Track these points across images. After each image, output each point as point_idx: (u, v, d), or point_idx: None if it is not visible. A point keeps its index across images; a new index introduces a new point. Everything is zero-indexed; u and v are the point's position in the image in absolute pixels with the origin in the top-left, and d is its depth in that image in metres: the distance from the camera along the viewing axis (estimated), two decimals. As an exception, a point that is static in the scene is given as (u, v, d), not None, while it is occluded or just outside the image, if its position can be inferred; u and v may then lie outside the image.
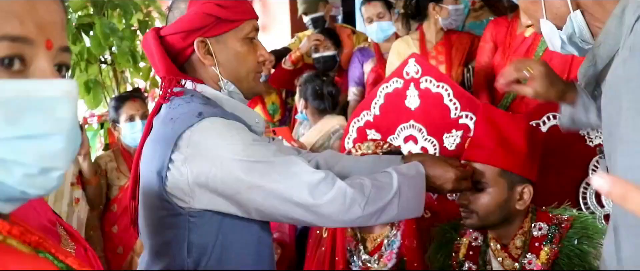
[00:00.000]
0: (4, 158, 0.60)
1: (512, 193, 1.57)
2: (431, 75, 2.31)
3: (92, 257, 1.05)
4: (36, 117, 0.61)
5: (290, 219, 1.30)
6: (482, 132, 1.61)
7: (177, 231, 1.29)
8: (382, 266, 1.94)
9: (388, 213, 1.33)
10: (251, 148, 1.24)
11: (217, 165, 1.22)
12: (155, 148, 1.30)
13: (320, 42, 3.51)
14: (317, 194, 1.24)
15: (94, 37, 3.34)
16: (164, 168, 1.25)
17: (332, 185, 1.26)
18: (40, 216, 1.10)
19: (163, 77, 1.36)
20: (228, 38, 1.36)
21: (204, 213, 1.28)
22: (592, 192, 1.88)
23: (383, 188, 1.31)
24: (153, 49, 1.34)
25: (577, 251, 1.51)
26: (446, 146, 2.26)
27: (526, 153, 1.57)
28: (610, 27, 1.09)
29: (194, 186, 1.24)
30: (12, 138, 0.60)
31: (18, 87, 0.61)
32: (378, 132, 2.44)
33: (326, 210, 1.25)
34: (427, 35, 3.13)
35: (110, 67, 3.74)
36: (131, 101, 2.86)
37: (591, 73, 1.18)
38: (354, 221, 1.30)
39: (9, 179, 0.61)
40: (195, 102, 1.30)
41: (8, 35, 0.61)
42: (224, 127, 1.25)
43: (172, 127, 1.26)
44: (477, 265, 1.69)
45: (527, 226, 1.60)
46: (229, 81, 1.38)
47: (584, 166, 1.91)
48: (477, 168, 1.57)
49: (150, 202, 1.31)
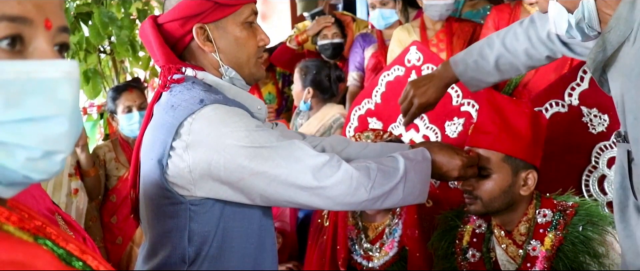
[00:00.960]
0: (6, 141, 0.59)
1: (516, 179, 1.56)
2: (433, 62, 2.29)
3: (91, 247, 1.04)
4: (37, 99, 0.59)
5: (296, 203, 1.28)
6: (486, 117, 1.60)
7: (178, 220, 1.27)
8: (384, 255, 1.94)
9: (393, 198, 1.32)
10: (254, 134, 1.22)
11: (220, 152, 1.20)
12: (156, 135, 1.28)
13: (329, 26, 3.51)
14: (322, 177, 1.23)
15: (92, 26, 3.31)
16: (165, 156, 1.23)
17: (338, 168, 1.26)
18: (39, 205, 1.09)
19: (163, 66, 1.33)
20: (227, 23, 1.32)
21: (205, 201, 1.27)
22: (595, 179, 1.87)
23: (389, 172, 1.31)
24: (151, 38, 1.31)
25: (582, 238, 1.50)
26: (448, 134, 2.25)
27: (530, 138, 1.56)
28: (622, 12, 1.09)
29: (196, 174, 1.22)
30: (14, 121, 0.59)
31: (18, 68, 0.59)
32: (379, 121, 2.43)
33: (332, 192, 1.24)
34: (427, 23, 3.11)
35: (110, 57, 3.72)
36: (128, 92, 2.83)
37: (600, 58, 1.18)
38: (359, 205, 1.29)
39: (11, 164, 0.60)
40: (196, 89, 1.27)
41: (6, 15, 0.60)
42: (226, 113, 1.23)
43: (173, 114, 1.24)
44: (480, 252, 1.68)
45: (531, 212, 1.60)
46: (230, 67, 1.35)
47: (587, 153, 1.90)
48: (482, 154, 1.56)
49: (151, 191, 1.29)
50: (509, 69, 1.67)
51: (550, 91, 1.96)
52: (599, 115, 1.87)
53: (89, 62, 3.56)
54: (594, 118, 1.87)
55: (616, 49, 1.13)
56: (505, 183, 1.55)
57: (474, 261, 1.69)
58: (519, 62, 1.64)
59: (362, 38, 3.57)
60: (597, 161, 1.87)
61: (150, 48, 1.35)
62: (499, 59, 1.65)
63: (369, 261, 1.96)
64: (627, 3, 1.09)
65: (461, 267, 1.71)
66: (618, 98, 1.15)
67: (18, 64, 0.60)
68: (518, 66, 1.68)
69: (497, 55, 1.64)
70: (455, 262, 1.73)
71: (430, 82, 1.74)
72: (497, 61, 1.65)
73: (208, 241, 1.29)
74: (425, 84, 1.73)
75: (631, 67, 1.04)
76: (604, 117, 1.86)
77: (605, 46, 1.15)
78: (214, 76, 1.35)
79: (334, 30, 3.59)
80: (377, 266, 1.94)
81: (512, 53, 1.63)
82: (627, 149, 1.13)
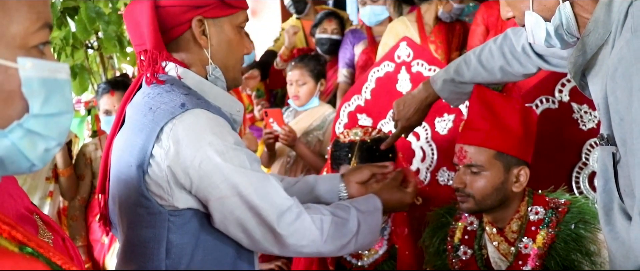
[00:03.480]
0: (39, 132, 0.66)
1: (508, 175, 1.55)
2: (423, 58, 2.27)
3: (70, 247, 1.01)
4: (57, 97, 0.67)
5: (248, 236, 1.25)
6: (476, 114, 1.59)
7: (156, 230, 1.23)
8: (373, 254, 1.92)
9: (345, 250, 1.36)
10: (232, 152, 1.20)
11: (196, 166, 1.18)
12: (133, 140, 1.23)
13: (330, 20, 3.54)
14: (283, 223, 1.23)
15: (79, 21, 3.26)
16: (146, 162, 1.19)
17: (297, 217, 1.25)
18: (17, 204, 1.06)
19: (149, 51, 1.27)
20: (224, 23, 1.32)
21: (184, 211, 1.23)
22: (585, 176, 1.86)
23: (343, 226, 1.33)
24: (146, 19, 1.24)
25: (574, 236, 1.50)
26: (438, 130, 2.23)
27: (522, 134, 1.54)
28: (599, 15, 1.11)
29: (173, 183, 1.19)
30: (46, 114, 0.66)
31: (49, 67, 0.67)
32: (369, 117, 2.41)
33: (288, 241, 1.25)
34: (425, 18, 3.10)
35: (97, 53, 3.67)
36: (109, 95, 2.74)
37: (580, 62, 1.19)
38: (310, 254, 1.33)
39: (31, 153, 0.66)
40: (175, 92, 1.24)
41: (49, 23, 0.68)
42: (207, 123, 1.21)
43: (153, 118, 1.20)
44: (472, 249, 1.68)
45: (524, 210, 1.59)
46: (217, 67, 1.33)
47: (577, 150, 1.89)
48: (472, 151, 1.55)
49: (127, 197, 1.24)
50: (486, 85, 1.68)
51: (541, 87, 1.95)
52: (590, 112, 1.86)
53: (76, 57, 3.50)
54: (585, 114, 1.87)
55: (595, 52, 1.14)
56: (498, 180, 1.54)
57: (465, 258, 1.68)
58: (495, 79, 1.66)
59: (352, 34, 3.57)
60: (587, 157, 1.86)
61: (137, 29, 1.29)
62: (475, 77, 1.66)
63: (359, 259, 1.94)
64: (603, 5, 1.10)
65: (452, 264, 1.70)
66: (599, 100, 1.15)
67: (48, 64, 0.67)
68: (495, 83, 1.71)
69: (474, 73, 1.66)
70: (446, 259, 1.72)
71: (412, 105, 1.77)
72: (473, 79, 1.66)
73: (186, 254, 1.24)
74: (407, 106, 1.78)
75: (614, 68, 1.04)
76: (594, 113, 1.85)
77: (584, 49, 1.15)
78: (197, 74, 1.32)
79: (334, 26, 3.59)
80: (367, 265, 1.92)
81: (488, 70, 1.64)
82: (612, 151, 1.13)
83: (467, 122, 1.62)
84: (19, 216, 1.02)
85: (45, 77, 0.66)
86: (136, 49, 1.32)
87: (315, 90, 2.77)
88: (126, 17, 1.33)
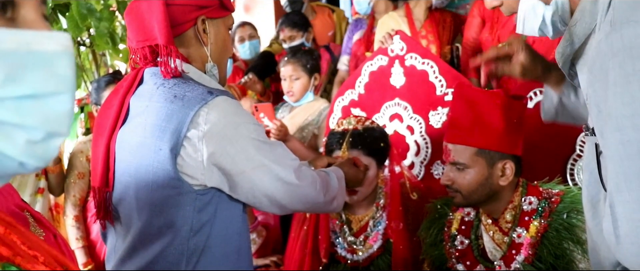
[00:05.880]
0: (6, 120, 0.52)
1: (493, 170, 1.57)
2: (416, 52, 2.27)
3: (62, 244, 1.00)
4: (38, 74, 0.53)
5: (273, 200, 1.35)
6: (458, 112, 1.61)
7: (185, 210, 1.29)
8: (368, 248, 1.92)
9: (333, 205, 1.50)
10: (259, 129, 1.33)
11: (234, 143, 1.26)
12: (161, 125, 1.27)
13: (294, 36, 3.48)
14: (301, 176, 1.36)
15: (70, 18, 3.22)
16: (179, 145, 1.24)
17: (308, 169, 1.42)
18: (7, 201, 1.05)
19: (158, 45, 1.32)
20: (220, 24, 1.42)
21: (209, 190, 1.30)
22: (579, 167, 1.86)
23: (328, 182, 1.49)
24: (158, 15, 1.30)
25: (566, 225, 1.51)
26: (432, 124, 2.23)
27: (503, 129, 1.55)
28: (585, 5, 1.10)
29: (208, 163, 1.26)
30: (15, 97, 0.52)
31: (18, 38, 0.53)
32: (363, 111, 2.40)
33: (304, 191, 1.37)
34: (415, 13, 3.08)
35: (90, 50, 3.65)
36: (114, 85, 2.76)
37: (568, 52, 1.18)
38: (315, 205, 1.44)
39: (9, 149, 0.53)
40: (191, 83, 1.32)
41: None
42: (236, 106, 1.31)
43: (182, 104, 1.26)
44: (469, 239, 1.69)
45: (517, 200, 1.60)
46: (215, 64, 1.42)
47: (572, 142, 1.90)
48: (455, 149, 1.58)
49: (153, 181, 1.28)
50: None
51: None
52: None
53: (67, 55, 3.48)
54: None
55: (583, 41, 1.13)
56: (482, 176, 1.56)
57: (462, 248, 1.69)
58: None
59: (355, 23, 3.55)
60: (582, 149, 1.86)
61: (140, 25, 1.34)
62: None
63: (353, 254, 1.93)
64: None
65: (449, 254, 1.71)
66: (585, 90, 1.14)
67: (17, 33, 0.53)
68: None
69: None
70: (443, 249, 1.74)
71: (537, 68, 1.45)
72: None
73: (205, 233, 1.32)
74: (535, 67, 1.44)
75: (592, 60, 1.03)
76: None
77: (572, 39, 1.15)
78: (198, 70, 1.39)
79: (292, 35, 3.51)
80: (362, 260, 1.92)
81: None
82: (595, 142, 1.12)
83: (450, 120, 1.65)
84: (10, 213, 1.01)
85: (7, 50, 0.52)
86: (137, 45, 1.36)
87: (309, 85, 2.75)
88: (129, 14, 1.38)
